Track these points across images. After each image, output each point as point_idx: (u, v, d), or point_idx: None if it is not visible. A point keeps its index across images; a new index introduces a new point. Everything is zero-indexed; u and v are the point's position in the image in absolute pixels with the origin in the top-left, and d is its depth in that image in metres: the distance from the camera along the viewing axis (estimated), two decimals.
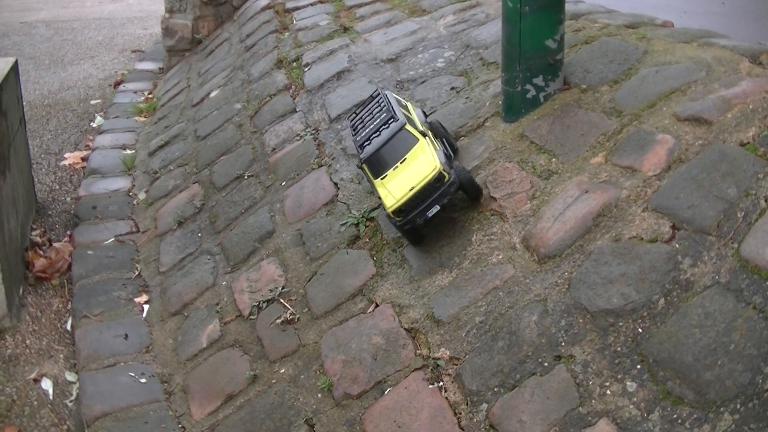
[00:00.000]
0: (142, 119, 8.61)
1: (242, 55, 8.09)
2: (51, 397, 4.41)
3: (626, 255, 3.18)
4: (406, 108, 4.38)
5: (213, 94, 7.64)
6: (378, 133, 4.12)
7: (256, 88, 6.90)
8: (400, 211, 3.87)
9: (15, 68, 6.01)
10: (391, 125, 4.08)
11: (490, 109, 4.65)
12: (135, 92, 9.64)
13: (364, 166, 4.12)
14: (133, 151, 7.64)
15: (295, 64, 6.84)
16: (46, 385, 4.49)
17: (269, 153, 5.77)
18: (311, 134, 5.59)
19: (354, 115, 4.53)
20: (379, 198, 4.03)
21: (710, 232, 3.03)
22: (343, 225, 4.53)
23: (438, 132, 4.34)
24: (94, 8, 14.72)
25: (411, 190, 3.82)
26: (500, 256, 3.65)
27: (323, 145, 5.39)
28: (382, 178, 4.01)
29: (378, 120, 4.20)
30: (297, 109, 6.07)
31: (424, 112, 4.58)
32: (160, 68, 10.47)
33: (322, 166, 5.17)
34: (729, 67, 3.90)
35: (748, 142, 3.30)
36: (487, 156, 4.28)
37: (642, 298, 2.99)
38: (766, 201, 3.01)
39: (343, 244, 4.43)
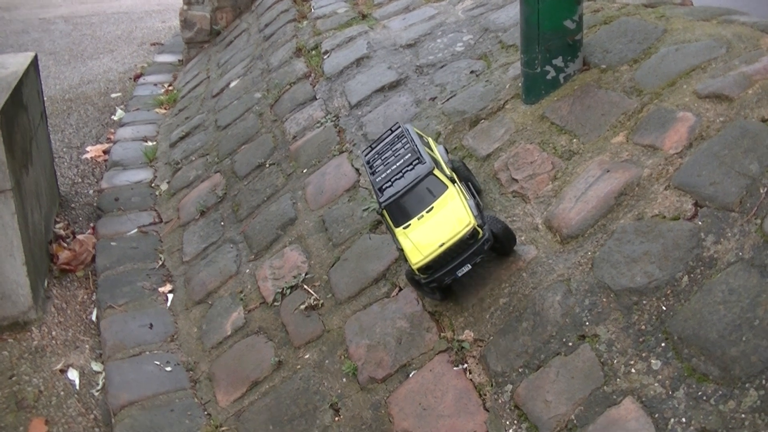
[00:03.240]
0: (163, 111, 8.65)
1: (261, 44, 8.11)
2: (77, 387, 4.45)
3: (649, 233, 3.16)
4: (428, 145, 3.91)
5: (233, 85, 7.66)
6: (401, 174, 3.61)
7: (275, 77, 6.91)
8: (427, 268, 3.43)
9: (35, 63, 6.05)
10: (416, 167, 3.58)
11: (510, 91, 4.63)
12: (155, 85, 9.69)
13: (384, 212, 3.61)
14: (155, 143, 7.68)
15: (314, 52, 6.84)
16: (73, 375, 4.54)
17: (290, 141, 5.78)
18: (332, 121, 5.59)
19: (370, 149, 4.05)
20: (400, 250, 3.56)
21: (733, 208, 3.01)
22: (365, 210, 4.53)
23: (462, 173, 3.93)
24: (112, 3, 14.77)
25: (441, 246, 3.36)
26: (523, 237, 3.64)
27: (344, 131, 5.39)
28: (404, 227, 3.52)
29: (401, 160, 3.69)
30: (317, 97, 6.07)
31: (446, 149, 4.12)
32: (179, 60, 10.51)
33: (343, 152, 5.17)
34: (749, 43, 3.87)
35: None
36: (507, 138, 4.27)
37: (665, 276, 2.98)
38: None
39: (365, 229, 4.43)
